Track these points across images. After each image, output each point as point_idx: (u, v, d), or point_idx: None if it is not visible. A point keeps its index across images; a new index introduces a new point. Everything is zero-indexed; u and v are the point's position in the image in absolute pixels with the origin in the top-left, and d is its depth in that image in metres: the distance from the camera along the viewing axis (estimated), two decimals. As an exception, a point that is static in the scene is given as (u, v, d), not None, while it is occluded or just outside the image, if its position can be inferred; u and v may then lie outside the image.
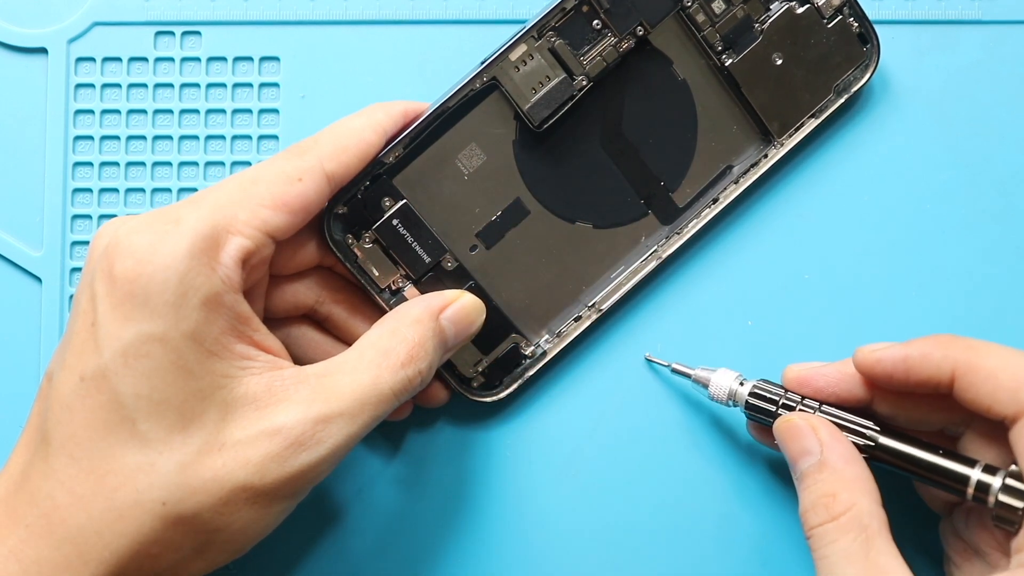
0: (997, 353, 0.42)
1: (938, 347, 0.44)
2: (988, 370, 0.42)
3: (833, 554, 0.42)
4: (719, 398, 0.49)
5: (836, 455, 0.44)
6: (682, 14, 0.50)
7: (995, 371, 0.42)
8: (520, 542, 0.51)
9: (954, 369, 0.43)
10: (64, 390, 0.41)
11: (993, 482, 0.42)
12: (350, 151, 0.45)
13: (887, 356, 0.44)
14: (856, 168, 0.52)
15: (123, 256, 0.41)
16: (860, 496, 0.42)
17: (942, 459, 0.44)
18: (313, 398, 0.42)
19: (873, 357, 0.45)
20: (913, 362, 0.44)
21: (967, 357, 0.43)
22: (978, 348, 0.43)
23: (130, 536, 0.40)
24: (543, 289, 0.51)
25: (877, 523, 0.42)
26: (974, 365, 0.42)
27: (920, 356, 0.44)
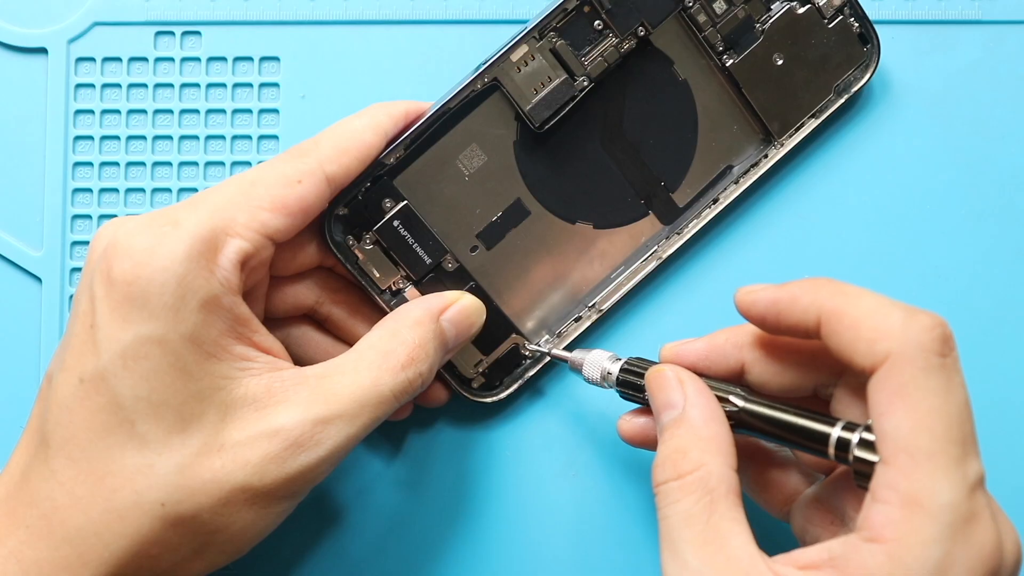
0: (865, 301, 0.39)
1: (807, 291, 0.41)
2: (852, 318, 0.39)
3: (674, 514, 0.39)
4: (593, 379, 0.48)
5: (696, 411, 0.42)
6: (683, 14, 0.50)
7: (858, 319, 0.38)
8: (520, 542, 0.51)
9: (820, 314, 0.40)
10: (63, 391, 0.41)
11: (852, 438, 0.39)
12: (350, 153, 0.45)
13: (761, 298, 0.42)
14: (856, 168, 0.53)
15: (122, 258, 0.41)
16: (712, 457, 0.40)
17: (804, 420, 0.41)
18: (313, 399, 0.42)
19: (749, 298, 0.42)
20: (783, 305, 0.41)
21: (834, 303, 0.39)
22: (847, 294, 0.40)
23: (129, 537, 0.40)
24: (543, 289, 0.51)
25: (725, 487, 0.39)
26: (839, 311, 0.39)
27: (790, 299, 0.41)
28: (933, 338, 0.37)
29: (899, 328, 0.37)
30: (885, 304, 0.38)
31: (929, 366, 0.37)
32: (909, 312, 0.38)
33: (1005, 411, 0.52)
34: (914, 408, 0.36)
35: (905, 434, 0.36)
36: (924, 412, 0.36)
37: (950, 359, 0.37)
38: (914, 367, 0.37)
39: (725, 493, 0.39)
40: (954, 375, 0.37)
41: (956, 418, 0.36)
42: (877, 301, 0.39)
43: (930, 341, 0.37)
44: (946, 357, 0.37)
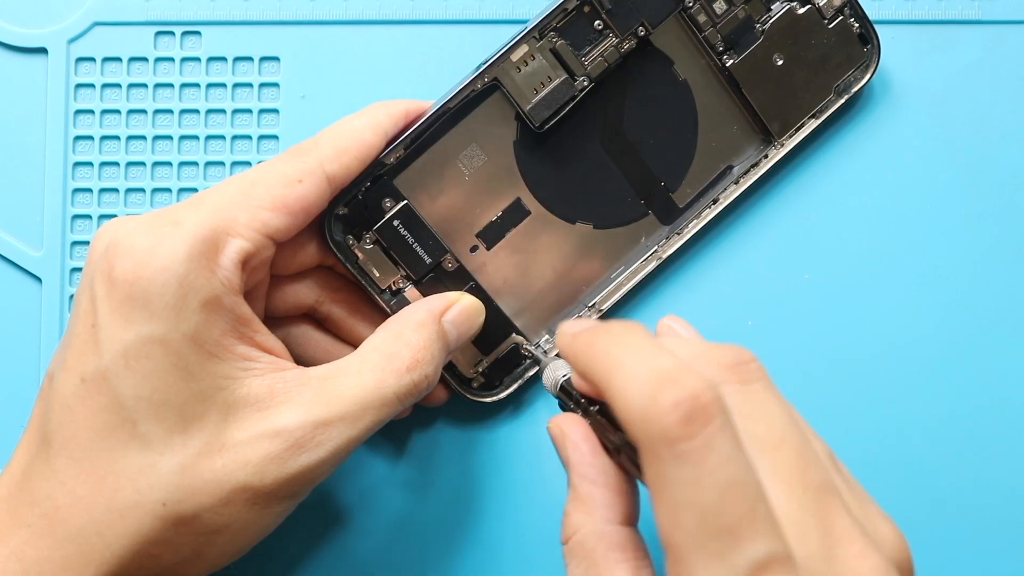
0: (619, 375, 0.34)
1: (582, 351, 0.37)
2: (612, 394, 0.34)
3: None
4: (548, 388, 0.46)
5: (575, 471, 0.39)
6: (683, 15, 0.50)
7: (615, 400, 0.34)
8: (521, 542, 0.51)
9: (594, 382, 0.36)
10: (65, 391, 0.41)
11: None
12: (351, 152, 0.45)
13: (560, 344, 0.39)
14: (856, 168, 0.53)
15: (122, 258, 0.41)
16: (587, 517, 0.38)
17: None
18: (315, 401, 0.42)
19: (557, 340, 0.39)
20: (570, 362, 0.38)
21: (600, 370, 0.35)
22: (612, 360, 0.35)
23: (131, 536, 0.40)
24: (543, 289, 0.51)
25: (604, 546, 0.37)
26: (605, 383, 0.35)
27: (572, 357, 0.38)
28: (673, 423, 0.32)
29: (639, 413, 0.33)
30: (638, 378, 0.33)
31: (672, 456, 0.32)
32: (655, 388, 0.33)
33: (1005, 411, 0.52)
34: (666, 503, 0.32)
35: (665, 531, 0.33)
36: (675, 507, 0.32)
37: (699, 439, 0.32)
38: (658, 458, 0.32)
39: (604, 553, 0.37)
40: (706, 457, 0.32)
41: (713, 507, 0.32)
42: (632, 372, 0.34)
43: (669, 427, 0.32)
44: (692, 440, 0.32)
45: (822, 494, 0.34)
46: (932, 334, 0.52)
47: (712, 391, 0.32)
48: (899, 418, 0.51)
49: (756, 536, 0.32)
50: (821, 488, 0.34)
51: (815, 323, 0.52)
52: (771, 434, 0.35)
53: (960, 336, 0.52)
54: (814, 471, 0.34)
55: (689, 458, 0.32)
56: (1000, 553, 0.51)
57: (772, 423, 0.35)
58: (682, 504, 0.32)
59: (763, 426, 0.35)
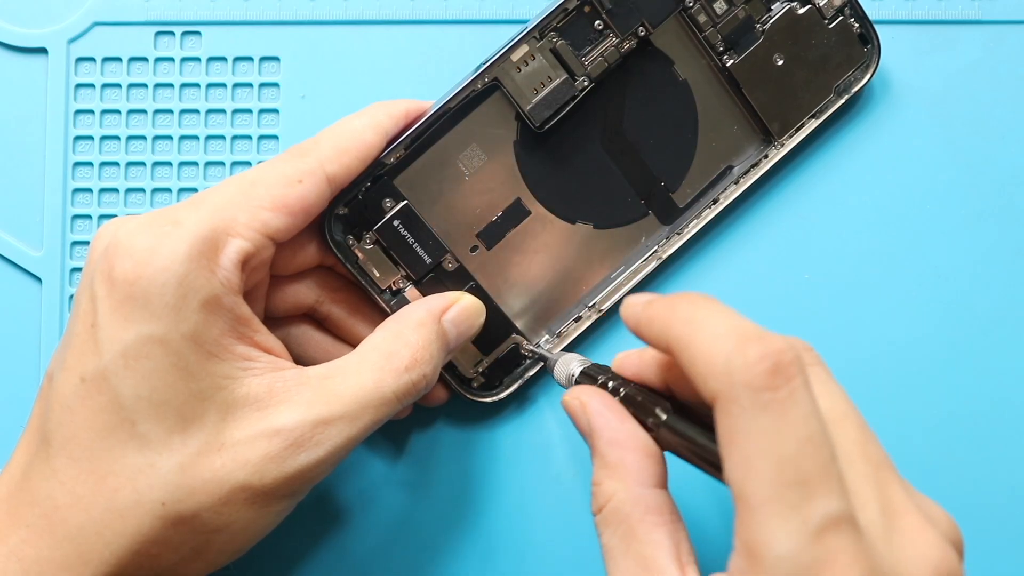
0: (704, 331, 0.35)
1: (660, 315, 0.37)
2: (690, 351, 0.35)
3: (603, 548, 0.38)
4: (560, 382, 0.47)
5: (601, 439, 0.39)
6: (684, 15, 0.50)
7: (694, 354, 0.35)
8: (521, 541, 0.51)
9: (668, 343, 0.37)
10: (65, 391, 0.41)
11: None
12: (351, 153, 0.45)
13: (629, 314, 0.39)
14: (856, 168, 0.53)
15: (122, 258, 0.41)
16: (620, 483, 0.38)
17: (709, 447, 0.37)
18: (314, 400, 0.42)
19: (625, 313, 0.40)
20: (643, 328, 0.38)
21: (679, 332, 0.36)
22: (693, 321, 0.36)
23: (130, 536, 0.40)
24: (543, 289, 0.51)
25: (640, 510, 0.37)
26: (682, 342, 0.36)
27: (647, 322, 0.38)
28: (759, 373, 0.33)
29: (722, 365, 0.34)
30: (721, 335, 0.34)
31: (756, 405, 0.33)
32: (740, 343, 0.34)
33: (1005, 411, 0.52)
34: (743, 453, 0.33)
35: (738, 481, 0.33)
36: (752, 456, 0.33)
37: (783, 392, 0.33)
38: (739, 407, 0.33)
39: (641, 517, 0.37)
40: (789, 409, 0.33)
41: (792, 458, 0.32)
42: (715, 331, 0.35)
43: (755, 377, 0.33)
44: (777, 391, 0.33)
45: (882, 469, 0.35)
46: (932, 334, 0.52)
47: (795, 351, 0.33)
48: (899, 418, 0.51)
49: (830, 492, 0.32)
50: (881, 463, 0.35)
51: (815, 323, 0.52)
52: (835, 409, 0.36)
53: (960, 336, 0.52)
54: (874, 447, 0.35)
55: (773, 408, 0.33)
56: (1000, 553, 0.51)
57: (835, 400, 0.36)
58: (761, 453, 0.33)
59: (826, 402, 0.36)
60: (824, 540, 0.32)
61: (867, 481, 0.34)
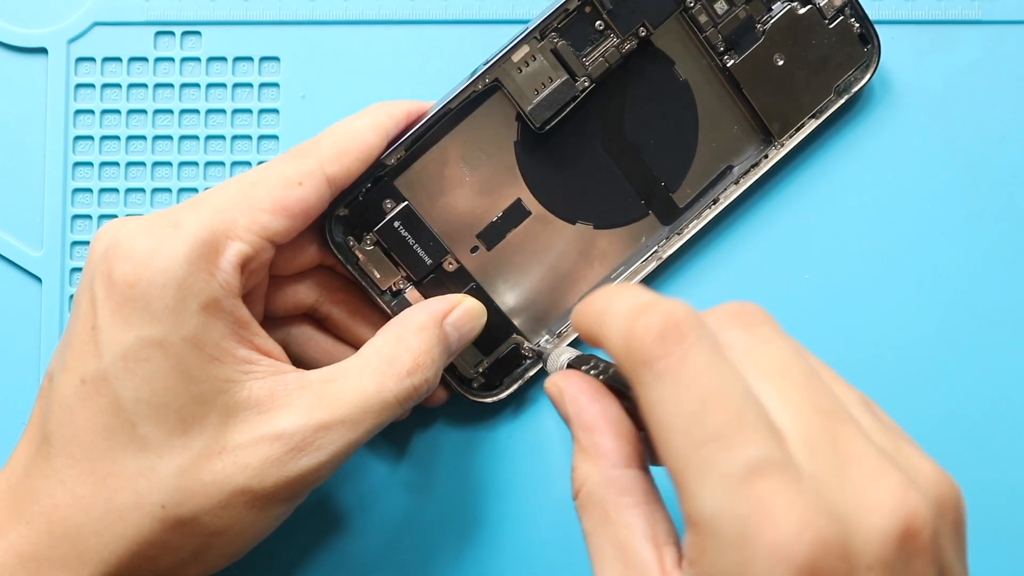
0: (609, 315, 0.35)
1: (582, 313, 0.37)
2: (605, 341, 0.35)
3: (584, 533, 0.36)
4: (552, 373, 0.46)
5: (575, 422, 0.38)
6: (684, 15, 0.50)
7: (608, 342, 0.35)
8: (522, 542, 0.51)
9: (596, 341, 0.36)
10: (65, 391, 0.41)
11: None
12: (351, 154, 0.45)
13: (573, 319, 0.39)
14: (856, 168, 0.53)
15: (122, 260, 0.41)
16: (593, 466, 0.37)
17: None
18: (316, 404, 0.42)
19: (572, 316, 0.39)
20: (578, 328, 0.38)
21: (596, 325, 0.36)
22: (603, 312, 0.35)
23: (129, 538, 0.40)
24: (543, 290, 0.51)
25: (614, 492, 0.36)
26: (600, 334, 0.35)
27: (577, 322, 0.38)
28: (648, 344, 0.33)
29: (622, 347, 0.34)
30: (619, 315, 0.34)
31: (653, 376, 0.33)
32: (631, 318, 0.34)
33: (1005, 411, 0.52)
34: (656, 427, 0.33)
35: (663, 456, 0.33)
36: (663, 427, 0.32)
37: (676, 355, 0.32)
38: (641, 384, 0.33)
39: (615, 500, 0.36)
40: (683, 369, 0.32)
41: (696, 415, 0.32)
42: (615, 314, 0.35)
43: (646, 348, 0.33)
44: (669, 356, 0.33)
45: (832, 417, 0.33)
46: (932, 334, 0.52)
47: (685, 310, 0.33)
48: (899, 418, 0.51)
49: (745, 440, 0.31)
50: (831, 412, 0.33)
51: (815, 323, 0.52)
52: (776, 364, 0.34)
53: (960, 336, 0.52)
54: (824, 397, 0.34)
55: (667, 374, 0.32)
56: (1000, 553, 0.51)
57: (776, 355, 0.35)
58: (668, 421, 0.32)
59: (767, 359, 0.34)
60: (753, 487, 0.31)
61: (815, 430, 0.33)
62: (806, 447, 0.32)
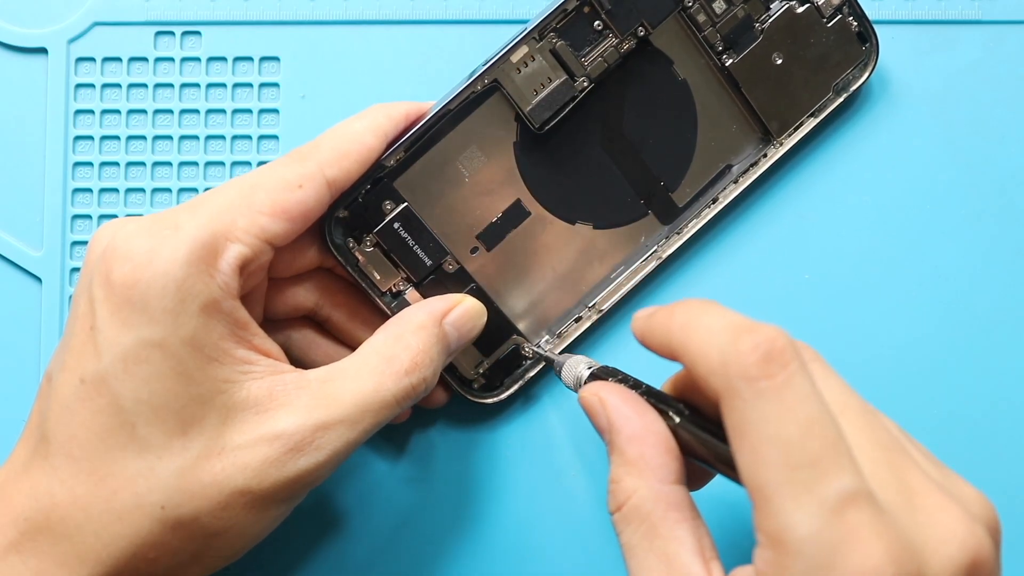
0: (699, 331, 0.36)
1: (661, 323, 0.38)
2: (691, 353, 0.36)
3: (623, 547, 0.37)
4: (568, 384, 0.46)
5: (618, 435, 0.39)
6: (683, 14, 0.50)
7: (695, 355, 0.36)
8: (523, 542, 0.51)
9: (673, 352, 0.37)
10: (64, 391, 0.41)
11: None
12: (351, 156, 0.45)
13: (636, 327, 0.40)
14: (856, 168, 0.53)
15: (121, 261, 0.41)
16: (640, 480, 0.37)
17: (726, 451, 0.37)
18: (314, 404, 0.42)
19: (633, 325, 0.40)
20: (648, 338, 0.39)
21: (679, 338, 0.37)
22: (688, 326, 0.36)
23: (128, 538, 0.41)
24: (544, 290, 0.51)
25: (662, 507, 0.37)
26: (683, 347, 0.36)
27: (650, 332, 0.39)
28: (752, 363, 0.34)
29: (718, 360, 0.35)
30: (715, 331, 0.35)
31: (754, 394, 0.34)
32: (733, 336, 0.35)
33: (1005, 411, 0.52)
34: (750, 443, 0.34)
35: (750, 472, 0.34)
36: (759, 444, 0.33)
37: (780, 378, 0.34)
38: (740, 400, 0.34)
39: (663, 514, 0.37)
40: (786, 393, 0.34)
41: (797, 440, 0.33)
42: (709, 329, 0.36)
43: (750, 366, 0.34)
44: (773, 378, 0.34)
45: (893, 451, 0.35)
46: (932, 334, 0.52)
47: (787, 338, 0.34)
48: (899, 418, 0.51)
49: (841, 469, 0.33)
50: (891, 446, 0.35)
51: (815, 323, 0.52)
52: (836, 400, 0.36)
53: (960, 336, 0.52)
54: (883, 433, 0.35)
55: (770, 395, 0.33)
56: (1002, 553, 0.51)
57: (835, 391, 0.36)
58: (766, 440, 0.33)
59: (829, 392, 0.36)
60: (844, 516, 0.32)
61: (880, 465, 0.34)
62: (876, 480, 0.34)
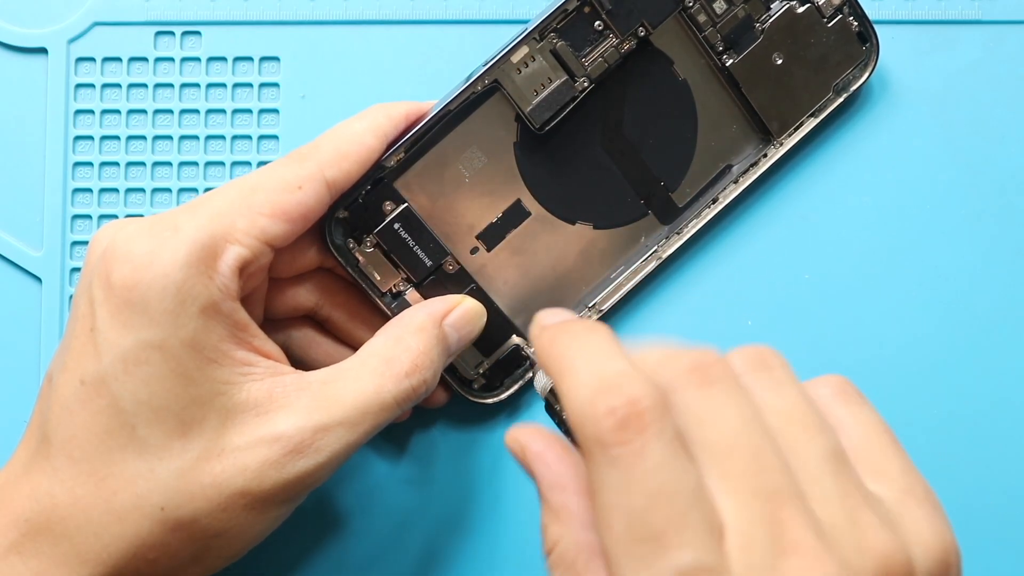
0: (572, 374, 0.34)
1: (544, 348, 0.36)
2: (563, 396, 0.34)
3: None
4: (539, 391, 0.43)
5: (543, 483, 0.37)
6: (683, 14, 0.50)
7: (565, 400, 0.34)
8: (521, 543, 0.51)
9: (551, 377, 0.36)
10: (64, 392, 0.41)
11: None
12: (351, 157, 0.45)
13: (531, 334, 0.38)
14: (856, 168, 0.53)
15: (120, 263, 0.41)
16: (564, 527, 0.35)
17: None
18: (314, 406, 0.42)
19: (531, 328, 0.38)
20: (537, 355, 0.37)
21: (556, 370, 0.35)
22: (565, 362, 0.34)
23: (128, 539, 0.41)
24: (544, 290, 0.51)
25: (585, 555, 0.35)
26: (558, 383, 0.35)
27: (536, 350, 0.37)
28: (607, 428, 0.32)
29: (578, 417, 0.33)
30: (581, 383, 0.33)
31: (606, 460, 0.32)
32: (592, 396, 0.33)
33: (1005, 411, 0.52)
34: (599, 507, 0.32)
35: (600, 534, 0.32)
36: (606, 511, 0.32)
37: (633, 445, 0.32)
38: (593, 462, 0.32)
39: (586, 563, 0.35)
40: (637, 463, 0.32)
41: (640, 513, 0.31)
42: (578, 377, 0.33)
43: (604, 432, 0.32)
44: (625, 445, 0.32)
45: (774, 500, 0.32)
46: (932, 334, 0.52)
47: (652, 398, 0.32)
48: (899, 418, 0.51)
49: (683, 544, 0.31)
50: (773, 494, 0.32)
51: (815, 323, 0.52)
52: (722, 440, 0.33)
53: (960, 336, 0.52)
54: (767, 476, 0.33)
55: (620, 463, 0.32)
56: (1000, 553, 0.51)
57: (724, 429, 0.33)
58: (612, 508, 0.32)
59: (715, 432, 0.33)
60: None
61: (753, 519, 0.32)
62: (743, 542, 0.32)
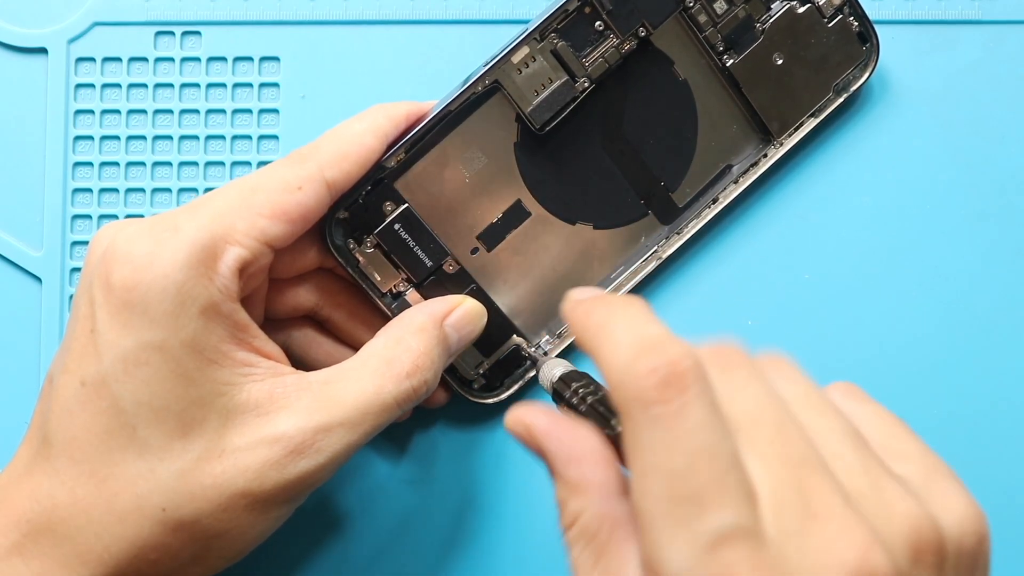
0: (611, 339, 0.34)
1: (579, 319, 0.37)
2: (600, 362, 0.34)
3: (571, 564, 0.36)
4: (544, 386, 0.45)
5: (558, 459, 0.36)
6: (684, 15, 0.50)
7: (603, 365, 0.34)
8: (521, 542, 0.51)
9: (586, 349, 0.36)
10: (65, 393, 0.41)
11: None
12: (351, 158, 0.45)
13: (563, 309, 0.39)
14: (856, 168, 0.53)
15: (121, 264, 0.41)
16: (584, 500, 0.35)
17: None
18: (315, 406, 0.42)
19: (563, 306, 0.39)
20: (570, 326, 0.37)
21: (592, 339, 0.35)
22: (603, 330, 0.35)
23: (129, 540, 0.41)
24: (544, 290, 0.51)
25: (608, 526, 0.35)
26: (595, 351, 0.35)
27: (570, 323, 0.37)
28: (648, 387, 0.32)
29: (618, 379, 0.33)
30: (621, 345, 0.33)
31: (647, 420, 0.32)
32: (634, 355, 0.33)
33: (1005, 411, 0.52)
34: (638, 468, 0.32)
35: (636, 498, 0.32)
36: (645, 472, 0.32)
37: (675, 404, 0.32)
38: (633, 423, 0.32)
39: (609, 532, 0.35)
40: (679, 422, 0.32)
41: (682, 472, 0.31)
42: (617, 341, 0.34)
43: (645, 391, 0.32)
44: (667, 404, 0.32)
45: (802, 468, 0.33)
46: (932, 334, 0.52)
47: (691, 359, 0.32)
48: (899, 418, 0.51)
49: (723, 505, 0.31)
50: (802, 462, 0.33)
51: (815, 323, 0.52)
52: (748, 412, 0.34)
53: (960, 336, 0.52)
54: (794, 446, 0.33)
55: (662, 422, 0.32)
56: (1000, 553, 0.51)
57: (749, 402, 0.34)
58: (652, 468, 0.32)
59: (740, 405, 0.34)
60: (719, 554, 0.31)
61: (784, 485, 0.32)
62: (775, 506, 0.32)
